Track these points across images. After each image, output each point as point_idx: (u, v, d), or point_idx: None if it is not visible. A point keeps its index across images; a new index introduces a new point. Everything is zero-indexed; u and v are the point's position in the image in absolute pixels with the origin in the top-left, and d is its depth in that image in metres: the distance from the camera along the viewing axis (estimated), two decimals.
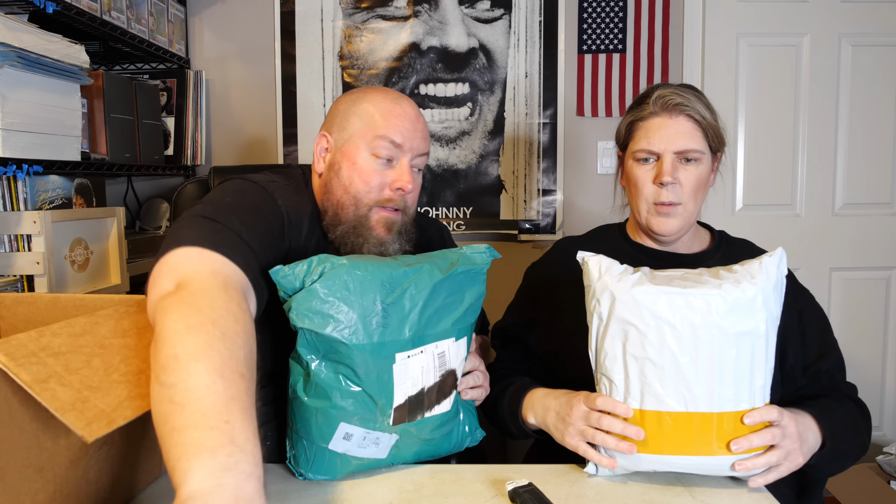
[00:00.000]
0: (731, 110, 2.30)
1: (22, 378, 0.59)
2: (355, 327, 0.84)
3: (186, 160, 2.24)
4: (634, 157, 1.16)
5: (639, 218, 1.19)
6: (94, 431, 0.60)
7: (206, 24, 2.30)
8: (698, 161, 1.13)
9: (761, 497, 0.85)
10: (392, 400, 0.88)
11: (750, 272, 0.88)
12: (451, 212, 2.30)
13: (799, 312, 1.14)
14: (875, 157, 2.32)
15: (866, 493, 1.93)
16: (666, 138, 1.12)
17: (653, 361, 0.86)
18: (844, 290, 2.35)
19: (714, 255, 1.19)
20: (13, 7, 1.45)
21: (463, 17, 2.24)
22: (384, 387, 0.87)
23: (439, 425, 0.95)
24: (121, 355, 0.71)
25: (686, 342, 0.85)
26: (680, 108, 1.12)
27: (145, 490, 0.86)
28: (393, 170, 1.08)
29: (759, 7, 2.27)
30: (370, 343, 0.85)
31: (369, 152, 1.07)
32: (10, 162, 1.35)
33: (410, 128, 1.08)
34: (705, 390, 0.85)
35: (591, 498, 0.85)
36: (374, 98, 1.09)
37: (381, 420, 0.88)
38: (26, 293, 0.96)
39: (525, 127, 2.27)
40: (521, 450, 1.27)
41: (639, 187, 1.16)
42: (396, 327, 0.87)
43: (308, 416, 0.87)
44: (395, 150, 1.07)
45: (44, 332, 0.65)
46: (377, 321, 0.85)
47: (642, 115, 1.15)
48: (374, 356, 0.85)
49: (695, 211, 1.16)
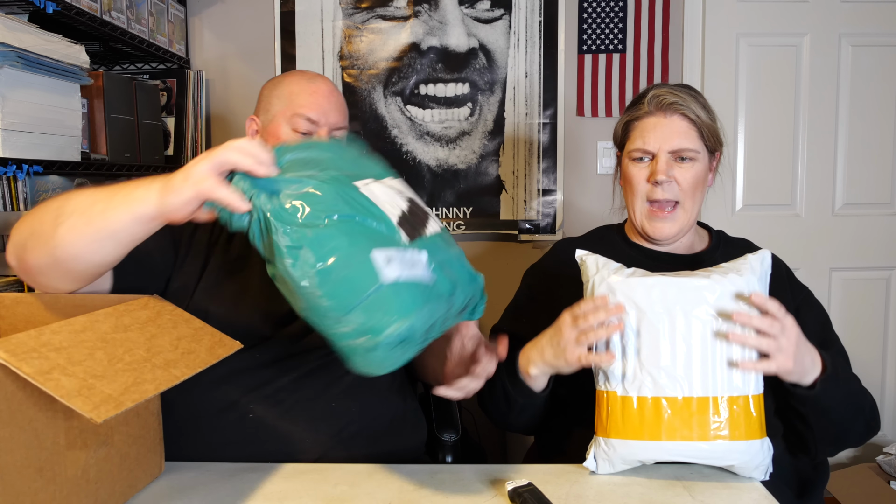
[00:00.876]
0: (731, 110, 2.30)
1: (25, 371, 0.58)
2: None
3: (186, 160, 2.23)
4: (630, 156, 1.17)
5: (634, 221, 1.19)
6: (102, 413, 0.60)
7: (206, 24, 2.30)
8: (694, 160, 1.13)
9: (761, 497, 0.86)
10: (388, 219, 0.81)
11: (736, 267, 0.95)
12: (451, 212, 2.30)
13: (797, 308, 1.14)
14: (875, 157, 2.32)
15: (866, 493, 1.93)
16: (661, 137, 1.13)
17: (648, 347, 0.90)
18: (844, 290, 2.35)
19: (713, 255, 1.19)
20: (13, 7, 1.45)
21: (463, 17, 2.24)
22: (370, 208, 0.81)
23: (447, 245, 0.88)
24: (124, 347, 0.71)
25: (680, 328, 0.89)
26: (675, 108, 1.13)
27: (145, 490, 0.86)
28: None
29: (759, 7, 2.27)
30: (332, 182, 0.80)
31: (290, 128, 1.16)
32: (10, 162, 1.35)
33: (325, 103, 1.16)
34: (700, 375, 0.88)
35: (591, 498, 0.85)
36: (292, 79, 1.20)
37: (396, 239, 0.80)
38: (26, 293, 0.96)
39: (525, 127, 2.27)
40: (521, 450, 1.27)
41: (634, 185, 1.17)
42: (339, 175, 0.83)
43: (342, 269, 0.76)
44: (312, 125, 1.15)
45: (43, 331, 0.65)
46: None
47: (638, 115, 1.16)
48: (341, 190, 0.80)
49: (693, 210, 1.16)
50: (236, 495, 0.85)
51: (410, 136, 2.28)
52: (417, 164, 2.28)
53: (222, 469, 0.92)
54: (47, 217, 0.84)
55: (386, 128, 2.28)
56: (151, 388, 0.68)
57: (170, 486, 0.88)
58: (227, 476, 0.90)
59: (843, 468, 2.16)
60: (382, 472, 0.93)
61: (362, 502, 0.83)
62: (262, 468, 0.93)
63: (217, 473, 0.91)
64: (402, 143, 2.28)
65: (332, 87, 1.20)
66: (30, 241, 0.86)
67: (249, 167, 0.76)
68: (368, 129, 2.29)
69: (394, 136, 2.28)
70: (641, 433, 0.88)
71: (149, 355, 0.73)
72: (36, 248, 0.85)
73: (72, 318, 0.71)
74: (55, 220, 0.82)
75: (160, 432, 0.90)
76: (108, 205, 0.78)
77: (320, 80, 1.20)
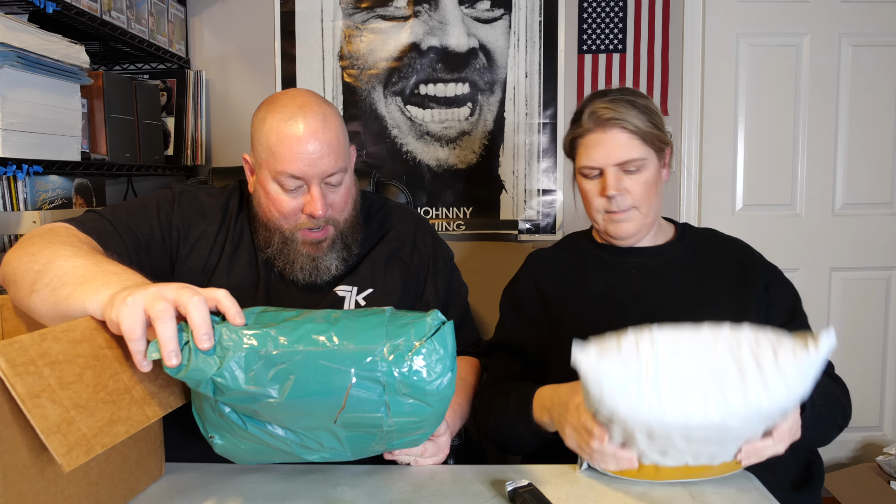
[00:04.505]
0: (731, 110, 2.30)
1: (17, 391, 0.60)
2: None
3: (186, 160, 2.23)
4: (581, 172, 1.19)
5: (596, 226, 1.23)
6: (72, 461, 0.61)
7: (206, 24, 2.30)
8: (642, 168, 1.15)
9: (760, 497, 0.86)
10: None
11: (784, 373, 0.75)
12: (451, 212, 2.30)
13: (766, 286, 1.17)
14: (875, 157, 2.32)
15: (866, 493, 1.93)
16: (604, 154, 1.14)
17: (658, 447, 0.83)
18: (844, 290, 2.35)
19: (678, 246, 1.22)
20: (13, 7, 1.45)
21: (463, 17, 2.24)
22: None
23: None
24: (111, 370, 0.71)
25: (697, 438, 0.80)
26: (612, 122, 1.13)
27: (146, 491, 0.87)
28: (305, 194, 1.07)
29: (759, 7, 2.27)
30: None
31: (276, 184, 1.06)
32: (10, 162, 1.35)
33: (307, 159, 1.02)
34: (707, 454, 0.84)
35: (591, 498, 0.85)
36: (272, 122, 1.04)
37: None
38: None
39: (525, 127, 2.27)
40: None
41: (590, 199, 1.20)
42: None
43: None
44: (299, 181, 1.05)
45: (45, 336, 0.65)
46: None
47: (579, 132, 1.17)
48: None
49: (651, 211, 1.18)
50: (237, 496, 0.85)
51: (410, 136, 2.28)
52: (417, 164, 2.29)
53: (222, 470, 0.92)
54: (28, 276, 0.84)
55: (386, 128, 2.28)
56: (122, 431, 0.68)
57: (170, 487, 0.88)
58: (227, 477, 0.90)
59: (843, 468, 2.16)
60: (382, 472, 0.93)
61: (362, 502, 0.83)
62: (262, 468, 0.93)
63: (217, 475, 0.91)
64: (402, 143, 2.28)
65: (314, 129, 1.02)
66: (11, 286, 0.89)
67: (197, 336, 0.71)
68: (368, 129, 2.29)
69: (394, 136, 2.28)
70: (639, 474, 0.88)
71: (131, 384, 0.73)
72: (15, 297, 0.88)
73: (73, 323, 0.71)
74: (32, 284, 0.82)
75: (161, 434, 0.90)
76: (74, 291, 0.76)
77: (301, 122, 1.02)
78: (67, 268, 0.81)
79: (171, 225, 1.11)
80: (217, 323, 0.73)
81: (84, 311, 0.74)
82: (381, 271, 1.17)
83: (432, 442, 0.96)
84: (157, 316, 0.68)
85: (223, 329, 0.72)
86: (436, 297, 1.22)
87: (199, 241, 1.12)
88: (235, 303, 0.75)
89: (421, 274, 1.22)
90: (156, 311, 0.69)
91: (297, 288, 1.13)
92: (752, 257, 1.22)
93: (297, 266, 1.10)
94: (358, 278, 1.15)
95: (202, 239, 1.12)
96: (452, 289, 1.27)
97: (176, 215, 1.12)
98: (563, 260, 1.28)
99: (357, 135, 2.28)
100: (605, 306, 1.18)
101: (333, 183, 1.08)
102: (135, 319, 0.69)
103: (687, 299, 1.16)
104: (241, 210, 1.18)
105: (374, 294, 1.15)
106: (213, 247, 1.12)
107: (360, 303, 1.13)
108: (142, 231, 1.08)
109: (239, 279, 1.11)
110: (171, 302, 0.70)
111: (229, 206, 1.17)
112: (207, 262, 1.12)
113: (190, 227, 1.12)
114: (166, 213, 1.11)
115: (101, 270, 0.80)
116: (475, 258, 2.30)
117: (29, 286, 0.83)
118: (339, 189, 1.10)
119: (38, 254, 0.86)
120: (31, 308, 0.83)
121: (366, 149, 2.29)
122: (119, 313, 0.69)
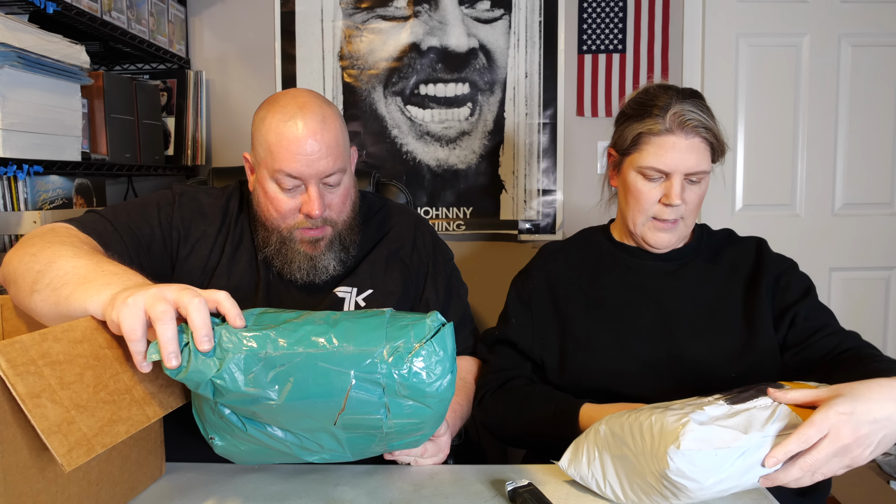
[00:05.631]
0: (731, 110, 2.30)
1: (18, 391, 0.60)
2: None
3: (187, 160, 2.24)
4: (640, 171, 1.12)
5: (632, 228, 1.18)
6: (72, 461, 0.62)
7: (206, 25, 2.30)
8: (702, 179, 1.13)
9: (761, 497, 0.86)
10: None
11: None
12: (451, 212, 2.30)
13: (778, 276, 1.15)
14: (875, 157, 2.32)
15: (866, 493, 1.93)
16: (679, 160, 1.08)
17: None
18: (844, 290, 2.35)
19: (696, 249, 1.21)
20: (13, 7, 1.45)
21: (463, 17, 2.24)
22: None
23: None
24: (111, 370, 0.71)
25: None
26: (696, 130, 1.08)
27: (146, 491, 0.87)
28: (303, 194, 1.07)
29: (759, 7, 2.27)
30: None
31: (274, 183, 1.07)
32: (10, 162, 1.35)
33: (305, 159, 1.03)
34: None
35: (591, 498, 0.85)
36: (272, 122, 1.04)
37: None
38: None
39: (525, 127, 2.27)
40: (521, 450, 1.27)
41: (641, 203, 1.13)
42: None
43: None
44: (297, 180, 1.05)
45: (46, 336, 0.66)
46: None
47: (655, 129, 1.09)
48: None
49: (692, 224, 1.17)
50: (237, 496, 0.85)
51: (410, 136, 2.28)
52: (417, 164, 2.29)
53: (222, 470, 0.92)
54: (28, 276, 0.84)
55: (386, 128, 2.28)
56: (123, 431, 0.69)
57: (170, 487, 0.88)
58: (227, 477, 0.91)
59: None
60: (382, 472, 0.93)
61: (362, 502, 0.84)
62: (262, 468, 0.93)
63: (217, 474, 0.91)
64: (402, 143, 2.29)
65: (313, 130, 1.02)
66: (11, 286, 0.89)
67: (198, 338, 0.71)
68: (368, 130, 2.29)
69: (394, 136, 2.28)
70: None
71: (132, 384, 0.73)
72: (15, 297, 0.89)
73: (74, 323, 0.71)
74: (33, 284, 0.83)
75: (161, 434, 0.90)
76: (74, 291, 0.76)
77: (300, 122, 1.02)
78: (68, 268, 0.81)
79: (171, 225, 1.11)
80: (217, 325, 0.73)
81: (85, 311, 0.74)
82: (380, 272, 1.17)
83: (432, 442, 0.96)
84: (158, 317, 0.69)
85: (223, 331, 0.73)
86: (435, 297, 1.22)
87: (200, 241, 1.12)
88: (236, 305, 0.75)
89: (421, 274, 1.22)
90: (156, 312, 0.69)
91: (297, 289, 1.14)
92: (767, 253, 1.20)
93: (295, 265, 1.10)
94: (357, 279, 1.15)
95: (202, 240, 1.13)
96: (452, 289, 1.27)
97: (176, 216, 1.12)
98: (578, 255, 1.25)
99: (357, 135, 2.28)
100: (618, 307, 1.17)
101: (332, 183, 1.08)
102: (135, 320, 0.69)
103: (701, 303, 1.15)
104: (241, 211, 1.18)
105: (373, 295, 1.15)
106: (213, 247, 1.13)
107: (360, 304, 1.13)
108: (142, 231, 1.08)
109: (239, 280, 1.12)
110: (171, 303, 0.70)
111: (229, 207, 1.17)
112: (207, 262, 1.12)
113: (190, 227, 1.13)
114: (167, 214, 1.12)
115: (102, 271, 0.80)
116: (475, 258, 2.30)
117: (30, 286, 0.83)
118: (338, 190, 1.10)
119: (38, 254, 0.86)
120: (31, 308, 0.83)
121: (366, 149, 2.29)
122: (120, 314, 0.69)
